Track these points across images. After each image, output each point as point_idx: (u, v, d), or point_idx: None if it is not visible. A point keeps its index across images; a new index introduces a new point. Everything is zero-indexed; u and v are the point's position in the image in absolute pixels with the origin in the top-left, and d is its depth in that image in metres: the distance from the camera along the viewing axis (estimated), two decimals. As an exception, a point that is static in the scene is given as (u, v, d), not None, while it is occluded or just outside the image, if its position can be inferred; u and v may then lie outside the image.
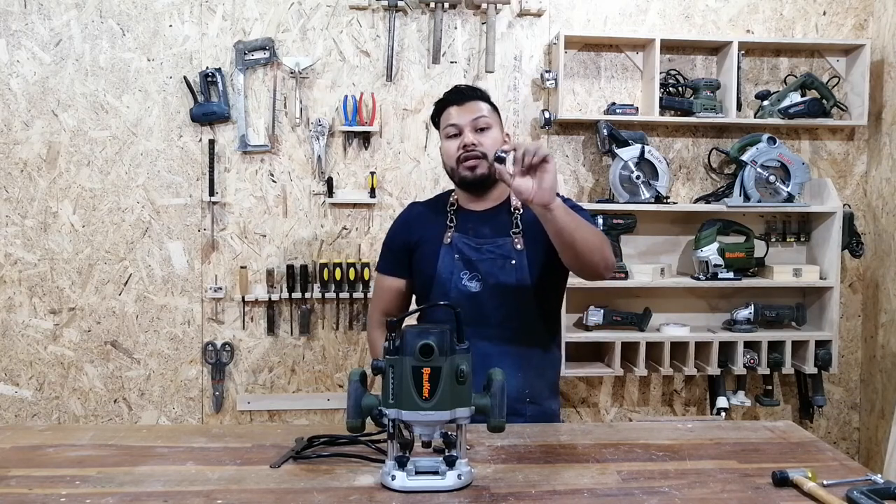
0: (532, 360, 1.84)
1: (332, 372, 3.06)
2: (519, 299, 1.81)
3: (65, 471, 1.37)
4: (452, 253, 1.83)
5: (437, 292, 1.83)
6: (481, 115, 1.83)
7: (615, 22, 3.11)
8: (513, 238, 1.82)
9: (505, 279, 1.80)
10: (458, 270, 1.82)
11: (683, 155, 3.18)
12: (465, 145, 1.81)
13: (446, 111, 1.87)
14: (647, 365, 3.00)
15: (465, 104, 1.84)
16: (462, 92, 1.88)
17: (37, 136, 2.93)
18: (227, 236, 3.01)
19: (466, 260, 1.82)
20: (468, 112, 1.83)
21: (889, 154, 3.10)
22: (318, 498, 1.25)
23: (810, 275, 3.03)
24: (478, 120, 1.83)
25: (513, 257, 1.81)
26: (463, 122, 1.83)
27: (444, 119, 1.88)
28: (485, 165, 1.81)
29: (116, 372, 2.99)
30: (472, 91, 1.89)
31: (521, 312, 1.81)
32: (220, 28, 2.96)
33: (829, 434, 3.26)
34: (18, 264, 2.95)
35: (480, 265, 1.81)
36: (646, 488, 1.30)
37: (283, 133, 3.00)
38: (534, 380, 1.83)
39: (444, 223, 1.87)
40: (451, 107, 1.86)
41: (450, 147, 1.85)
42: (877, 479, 1.29)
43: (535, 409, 1.82)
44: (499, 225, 1.85)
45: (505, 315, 1.81)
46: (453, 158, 1.83)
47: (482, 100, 1.88)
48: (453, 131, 1.84)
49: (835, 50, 3.15)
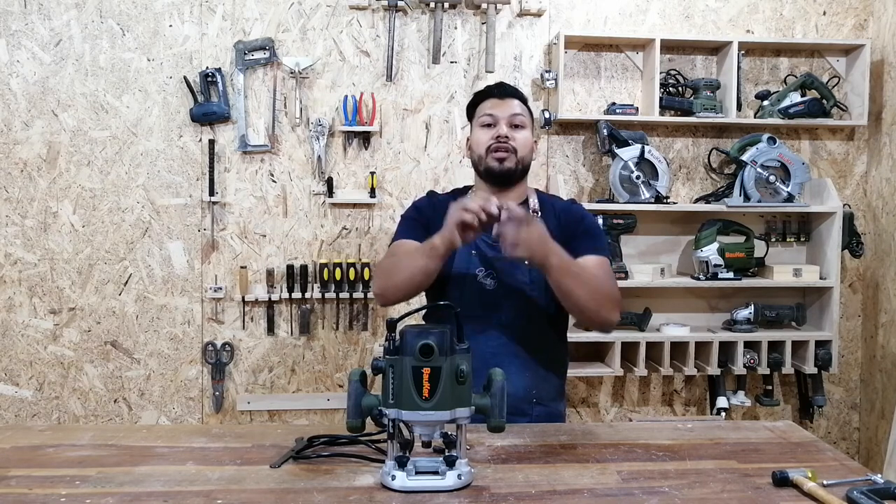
0: (540, 361, 1.84)
1: (332, 372, 3.06)
2: (532, 300, 1.81)
3: (65, 471, 1.37)
4: (469, 249, 1.82)
5: (452, 287, 1.82)
6: (519, 112, 1.86)
7: (615, 22, 3.11)
8: None
9: (521, 279, 1.81)
10: (475, 267, 1.82)
11: (683, 155, 3.18)
12: (499, 136, 1.82)
13: (485, 102, 1.89)
14: (647, 365, 3.00)
15: (505, 99, 1.87)
16: (504, 87, 1.91)
17: (37, 136, 2.93)
18: (227, 236, 3.01)
19: (483, 257, 1.82)
20: (507, 107, 1.85)
21: (889, 154, 3.10)
22: (318, 498, 1.25)
23: (810, 275, 3.03)
24: (515, 116, 1.85)
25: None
26: (500, 114, 1.84)
27: (481, 108, 1.89)
28: (513, 160, 1.82)
29: (116, 372, 2.99)
30: (512, 88, 1.92)
31: (533, 313, 1.82)
32: (220, 28, 2.96)
33: (829, 434, 3.26)
34: (18, 264, 2.95)
35: (497, 263, 1.81)
36: (646, 488, 1.30)
37: (283, 133, 3.00)
38: (541, 381, 1.83)
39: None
40: (492, 99, 1.88)
41: (481, 135, 1.85)
42: (877, 479, 1.29)
43: (542, 409, 1.82)
44: None
45: (517, 314, 1.81)
46: (483, 146, 1.84)
47: (521, 100, 1.90)
48: (488, 121, 1.85)
49: (835, 50, 3.15)
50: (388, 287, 1.77)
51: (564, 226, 1.84)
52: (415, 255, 1.72)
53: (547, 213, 1.87)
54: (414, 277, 1.71)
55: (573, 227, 1.85)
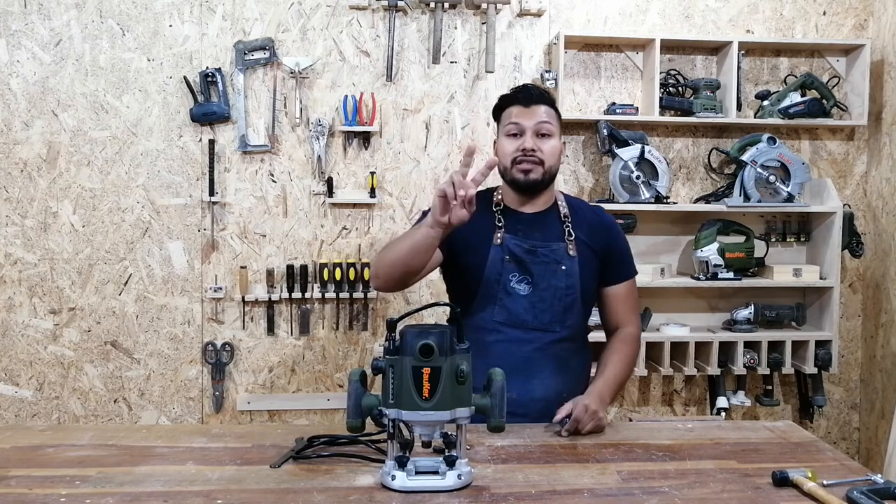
0: (571, 364, 1.85)
1: (332, 372, 3.06)
2: (566, 304, 1.81)
3: (65, 471, 1.37)
4: (502, 254, 1.80)
5: (484, 292, 1.80)
6: (545, 120, 1.81)
7: (615, 22, 3.11)
8: (567, 244, 1.82)
9: (556, 283, 1.80)
10: (508, 272, 1.80)
11: (683, 155, 3.18)
12: (525, 149, 1.79)
13: (511, 108, 1.84)
14: (647, 365, 3.00)
15: (531, 106, 1.81)
16: (531, 93, 1.85)
17: (37, 136, 2.93)
18: (227, 236, 3.01)
19: (518, 261, 1.80)
20: (533, 115, 1.80)
21: (889, 154, 3.10)
22: (318, 498, 1.25)
23: (810, 275, 3.03)
24: (541, 125, 1.80)
25: (564, 263, 1.81)
26: (527, 124, 1.80)
27: (507, 116, 1.84)
28: (539, 171, 1.80)
29: (116, 372, 2.99)
30: (539, 93, 1.86)
31: (565, 317, 1.82)
32: (220, 28, 2.96)
33: (829, 434, 3.26)
34: (18, 264, 2.95)
35: (533, 268, 1.80)
36: (646, 488, 1.30)
37: (283, 133, 3.00)
38: (572, 383, 1.83)
39: (492, 222, 1.84)
40: (517, 106, 1.83)
41: (507, 146, 1.82)
42: (877, 479, 1.29)
43: None
44: (550, 229, 1.84)
45: (551, 319, 1.80)
46: (509, 158, 1.81)
47: (548, 103, 1.84)
48: (514, 130, 1.81)
49: (835, 50, 3.15)
50: (380, 268, 1.74)
51: (597, 241, 1.86)
52: (404, 235, 1.72)
53: (579, 218, 1.87)
54: (400, 256, 1.68)
55: (608, 245, 1.88)
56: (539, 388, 1.77)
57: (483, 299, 1.80)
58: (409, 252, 1.66)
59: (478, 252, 1.81)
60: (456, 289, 1.91)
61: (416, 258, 1.67)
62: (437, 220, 1.55)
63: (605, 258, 1.87)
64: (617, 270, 1.90)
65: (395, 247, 1.73)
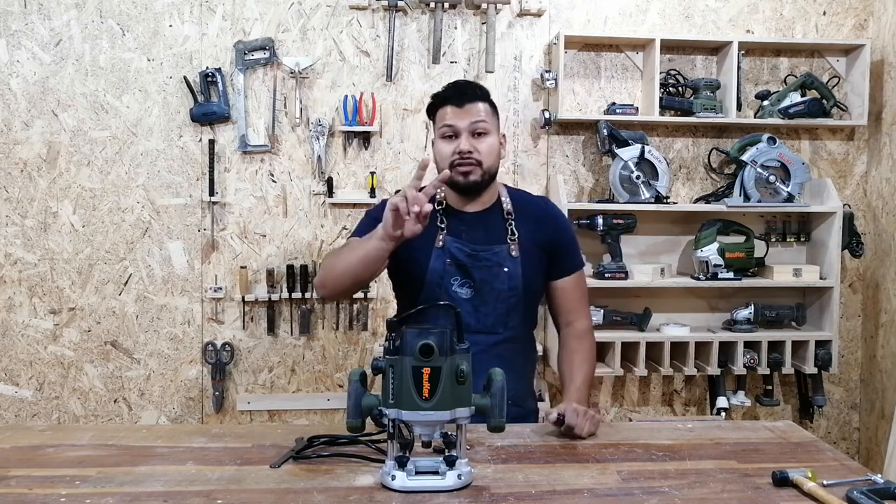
0: (516, 364, 1.82)
1: (332, 372, 3.06)
2: (509, 306, 1.80)
3: (65, 471, 1.37)
4: (444, 257, 1.78)
5: (426, 296, 1.77)
6: (480, 119, 1.76)
7: (615, 22, 3.11)
8: (509, 245, 1.80)
9: (498, 286, 1.78)
10: (450, 276, 1.78)
11: (683, 155, 3.18)
12: (461, 151, 1.75)
13: (443, 108, 1.79)
14: (647, 365, 3.00)
15: (465, 105, 1.76)
16: (462, 91, 1.79)
17: (37, 136, 2.93)
18: (227, 236, 3.01)
19: (459, 265, 1.78)
20: (466, 115, 1.75)
21: (889, 154, 3.10)
22: (318, 498, 1.25)
23: (810, 275, 3.03)
24: (476, 124, 1.75)
25: (506, 265, 1.78)
26: (460, 125, 1.75)
27: (441, 117, 1.79)
28: (478, 172, 1.76)
29: (116, 372, 2.99)
30: (472, 91, 1.80)
31: (509, 318, 1.80)
32: (220, 28, 2.96)
33: (829, 434, 3.26)
34: (18, 264, 2.95)
35: (474, 272, 1.78)
36: (646, 488, 1.30)
37: (283, 133, 3.00)
38: (517, 382, 1.81)
39: (434, 223, 1.80)
40: (450, 105, 1.77)
41: (444, 148, 1.78)
42: (877, 479, 1.29)
43: (517, 410, 1.78)
44: (493, 230, 1.81)
45: (494, 321, 1.79)
46: (446, 161, 1.77)
47: (482, 100, 1.79)
48: (449, 132, 1.77)
49: (835, 50, 3.15)
50: (327, 277, 1.73)
51: (542, 234, 1.83)
52: (355, 247, 1.69)
53: (523, 214, 1.84)
54: (350, 267, 1.67)
55: (554, 238, 1.85)
56: None
57: (425, 302, 1.73)
58: (359, 264, 1.66)
59: (420, 253, 1.78)
60: (401, 290, 1.90)
61: (366, 270, 1.67)
62: (390, 234, 1.55)
63: (551, 252, 1.84)
64: (564, 263, 1.86)
65: (343, 257, 1.71)
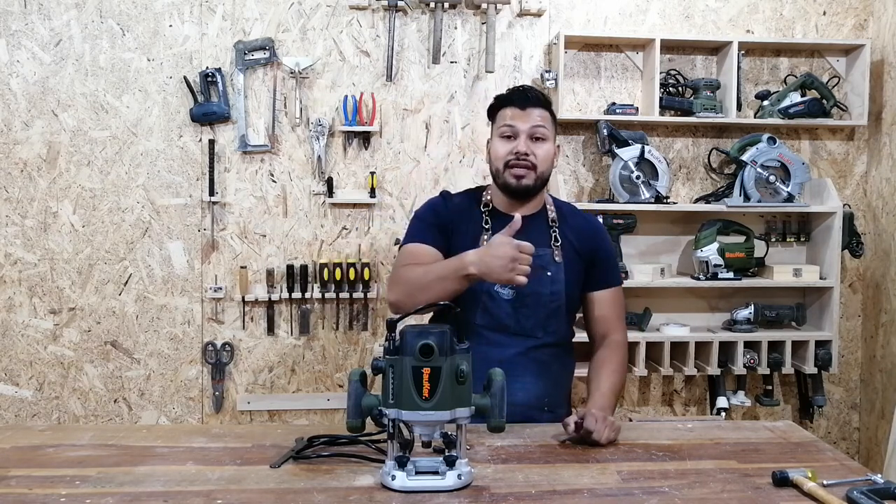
0: (552, 370, 1.84)
1: (332, 372, 3.06)
2: (549, 310, 1.80)
3: (65, 471, 1.37)
4: None
5: (468, 294, 1.76)
6: (540, 124, 1.78)
7: (615, 22, 3.11)
8: (553, 250, 1.81)
9: (540, 289, 1.78)
10: None
11: (683, 155, 3.18)
12: (518, 152, 1.76)
13: (505, 109, 1.81)
14: (647, 365, 3.00)
15: (527, 109, 1.78)
16: (525, 95, 1.81)
17: (37, 136, 2.93)
18: (227, 236, 3.01)
19: None
20: (527, 118, 1.78)
21: (889, 154, 3.10)
22: (318, 498, 1.25)
23: (810, 275, 3.03)
24: (535, 128, 1.78)
25: (549, 269, 1.80)
26: (521, 126, 1.77)
27: (501, 117, 1.81)
28: (532, 176, 1.78)
29: (116, 372, 2.99)
30: (535, 95, 1.82)
31: (549, 323, 1.81)
32: (220, 28, 2.96)
33: (829, 434, 3.26)
34: (18, 264, 2.95)
35: None
36: (646, 488, 1.30)
37: (283, 133, 3.00)
38: (553, 388, 1.83)
39: (479, 223, 1.82)
40: (513, 107, 1.80)
41: (500, 148, 1.79)
42: (877, 479, 1.29)
43: (550, 416, 1.79)
44: (537, 234, 1.81)
45: (534, 324, 1.80)
46: (501, 160, 1.79)
47: (544, 106, 1.81)
48: (508, 132, 1.79)
49: (835, 50, 3.15)
50: (408, 303, 1.69)
51: (583, 245, 1.85)
52: (446, 279, 1.66)
53: (567, 223, 1.87)
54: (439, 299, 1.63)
55: (594, 250, 1.87)
56: (520, 393, 1.74)
57: (466, 302, 1.75)
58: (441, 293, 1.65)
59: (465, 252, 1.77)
60: None
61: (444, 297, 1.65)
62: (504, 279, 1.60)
63: (590, 262, 1.86)
64: (603, 276, 1.88)
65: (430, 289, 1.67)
